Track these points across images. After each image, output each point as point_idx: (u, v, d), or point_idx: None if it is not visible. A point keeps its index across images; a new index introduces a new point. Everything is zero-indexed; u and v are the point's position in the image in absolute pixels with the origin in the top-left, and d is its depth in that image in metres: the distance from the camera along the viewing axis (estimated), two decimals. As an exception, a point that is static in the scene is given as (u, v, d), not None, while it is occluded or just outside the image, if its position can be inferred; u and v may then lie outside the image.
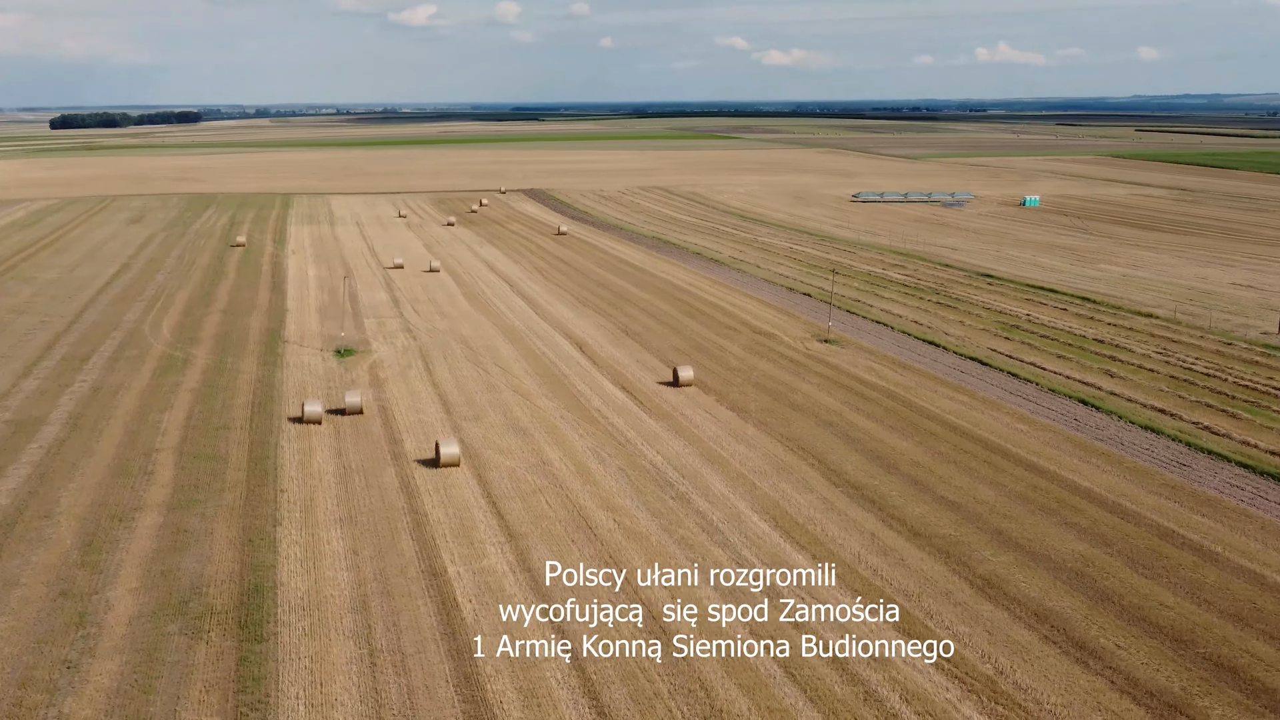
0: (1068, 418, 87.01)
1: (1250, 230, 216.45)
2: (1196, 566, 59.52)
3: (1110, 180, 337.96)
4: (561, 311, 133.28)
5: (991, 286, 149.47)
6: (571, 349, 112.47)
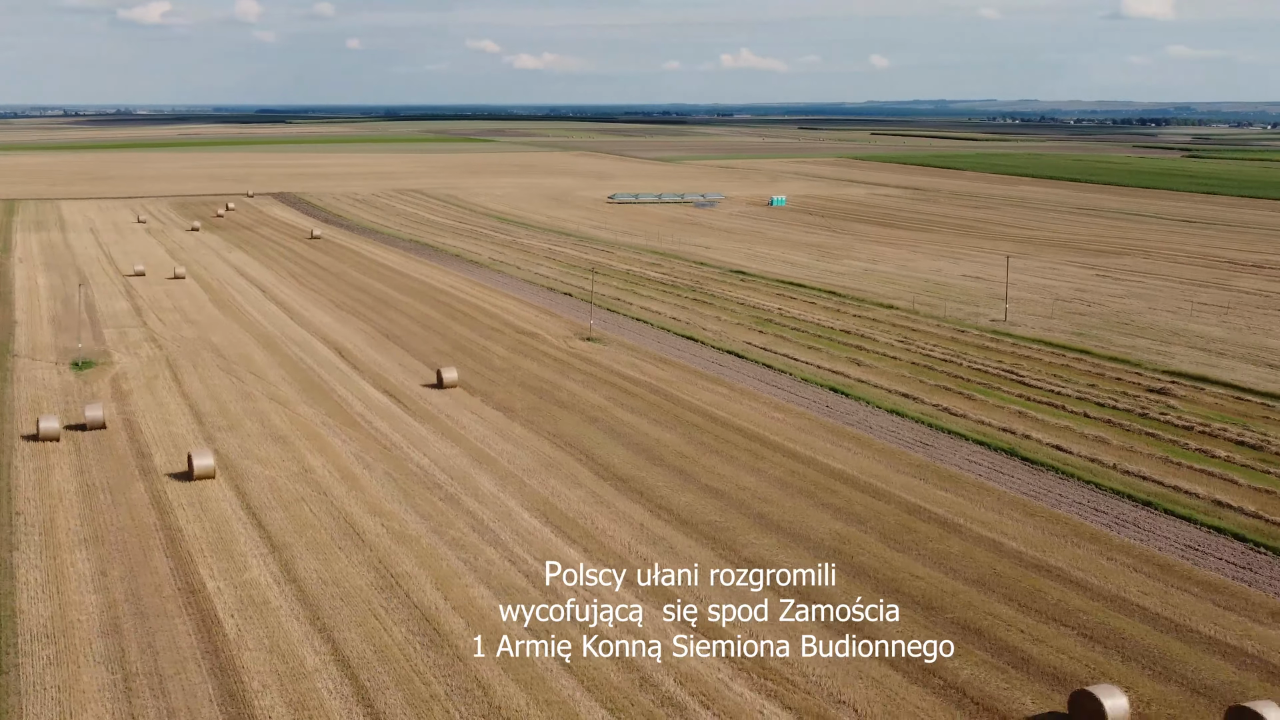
0: (820, 405, 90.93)
1: (978, 226, 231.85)
2: (942, 538, 63.28)
3: (850, 181, 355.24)
4: (319, 316, 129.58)
5: (745, 283, 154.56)
6: (330, 354, 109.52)
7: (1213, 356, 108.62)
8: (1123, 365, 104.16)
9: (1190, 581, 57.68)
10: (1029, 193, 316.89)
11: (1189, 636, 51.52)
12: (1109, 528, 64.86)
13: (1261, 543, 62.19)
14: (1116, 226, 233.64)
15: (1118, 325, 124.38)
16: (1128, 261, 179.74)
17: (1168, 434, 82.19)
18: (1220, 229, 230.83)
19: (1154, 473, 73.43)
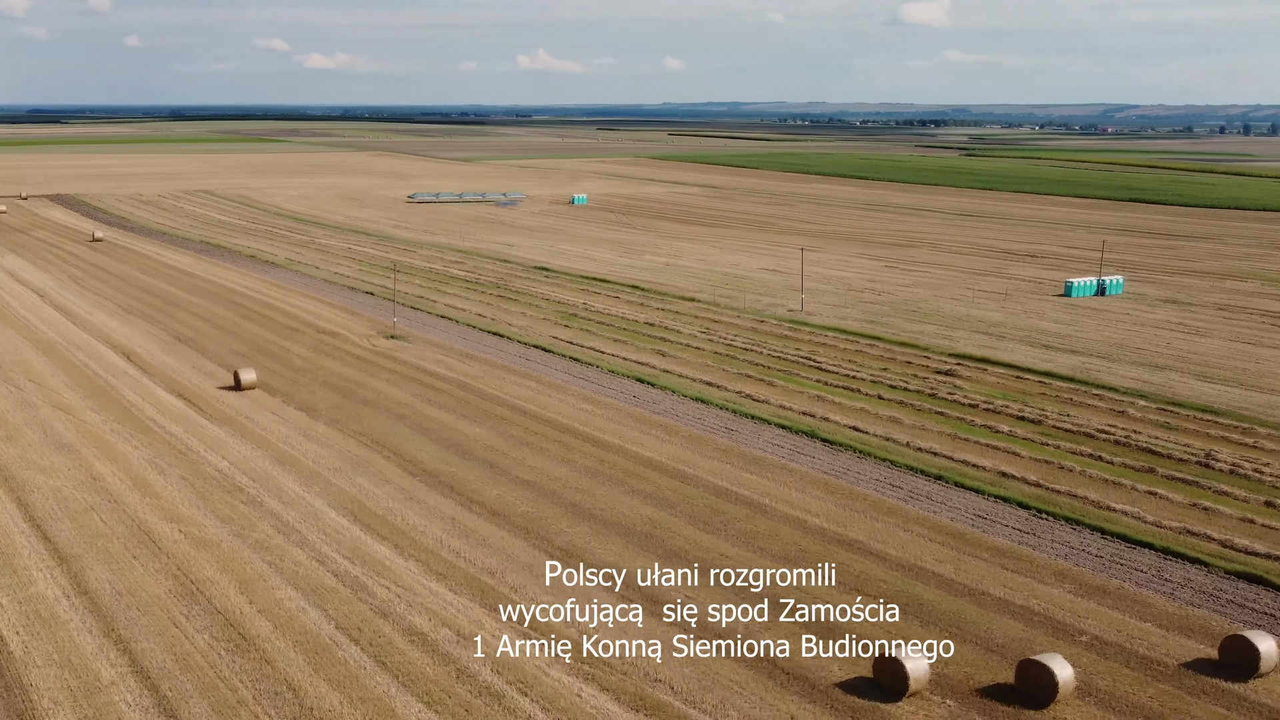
0: (628, 395, 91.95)
1: (774, 222, 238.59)
2: (750, 518, 64.89)
3: (650, 180, 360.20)
4: (104, 321, 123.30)
5: (549, 279, 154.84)
6: (118, 359, 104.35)
7: (994, 339, 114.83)
8: (912, 349, 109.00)
9: (980, 548, 60.84)
10: (820, 190, 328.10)
11: (981, 599, 54.35)
12: (904, 501, 67.79)
13: (1043, 509, 66.09)
14: (902, 220, 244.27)
15: (906, 313, 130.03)
16: (914, 253, 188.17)
17: (955, 412, 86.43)
18: (996, 222, 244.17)
19: (944, 448, 77.09)
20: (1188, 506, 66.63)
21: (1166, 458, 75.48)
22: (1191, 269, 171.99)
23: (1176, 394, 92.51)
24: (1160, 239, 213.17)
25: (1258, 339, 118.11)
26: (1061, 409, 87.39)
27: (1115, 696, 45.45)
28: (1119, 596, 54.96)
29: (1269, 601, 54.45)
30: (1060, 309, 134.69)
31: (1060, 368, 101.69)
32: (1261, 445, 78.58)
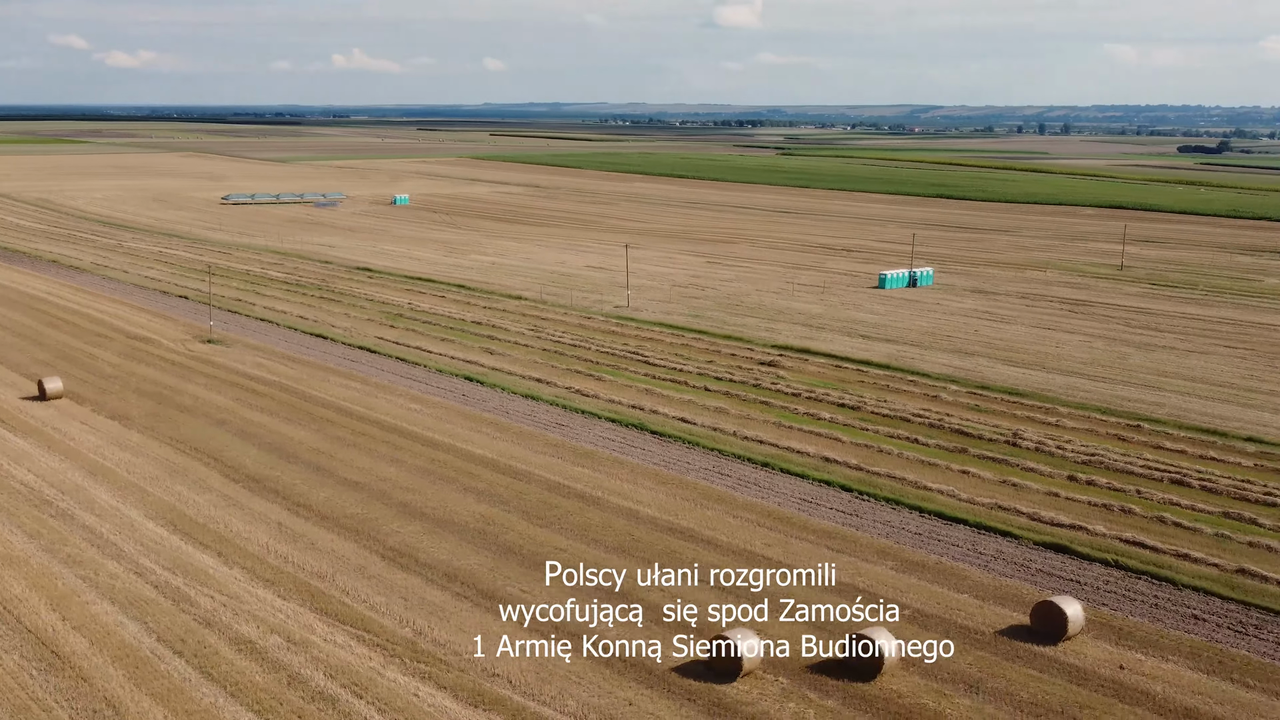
0: (457, 394, 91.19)
1: (598, 220, 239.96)
2: (582, 511, 65.21)
3: (472, 179, 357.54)
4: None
5: (372, 279, 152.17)
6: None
7: (813, 330, 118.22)
8: (736, 342, 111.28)
9: (807, 530, 62.62)
10: (643, 189, 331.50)
11: (809, 578, 55.87)
12: (733, 489, 69.22)
13: (864, 491, 68.43)
14: (723, 218, 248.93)
15: (729, 307, 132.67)
16: (735, 249, 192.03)
17: (779, 401, 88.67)
18: (813, 218, 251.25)
19: (769, 436, 79.03)
20: (998, 483, 69.98)
21: (977, 438, 79.09)
22: (995, 260, 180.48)
23: (985, 378, 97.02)
24: (966, 232, 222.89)
25: (1056, 324, 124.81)
26: (879, 395, 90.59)
27: (936, 665, 47.43)
28: (937, 570, 57.37)
29: (1074, 568, 57.68)
30: (875, 300, 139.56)
31: (877, 356, 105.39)
32: (1063, 424, 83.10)
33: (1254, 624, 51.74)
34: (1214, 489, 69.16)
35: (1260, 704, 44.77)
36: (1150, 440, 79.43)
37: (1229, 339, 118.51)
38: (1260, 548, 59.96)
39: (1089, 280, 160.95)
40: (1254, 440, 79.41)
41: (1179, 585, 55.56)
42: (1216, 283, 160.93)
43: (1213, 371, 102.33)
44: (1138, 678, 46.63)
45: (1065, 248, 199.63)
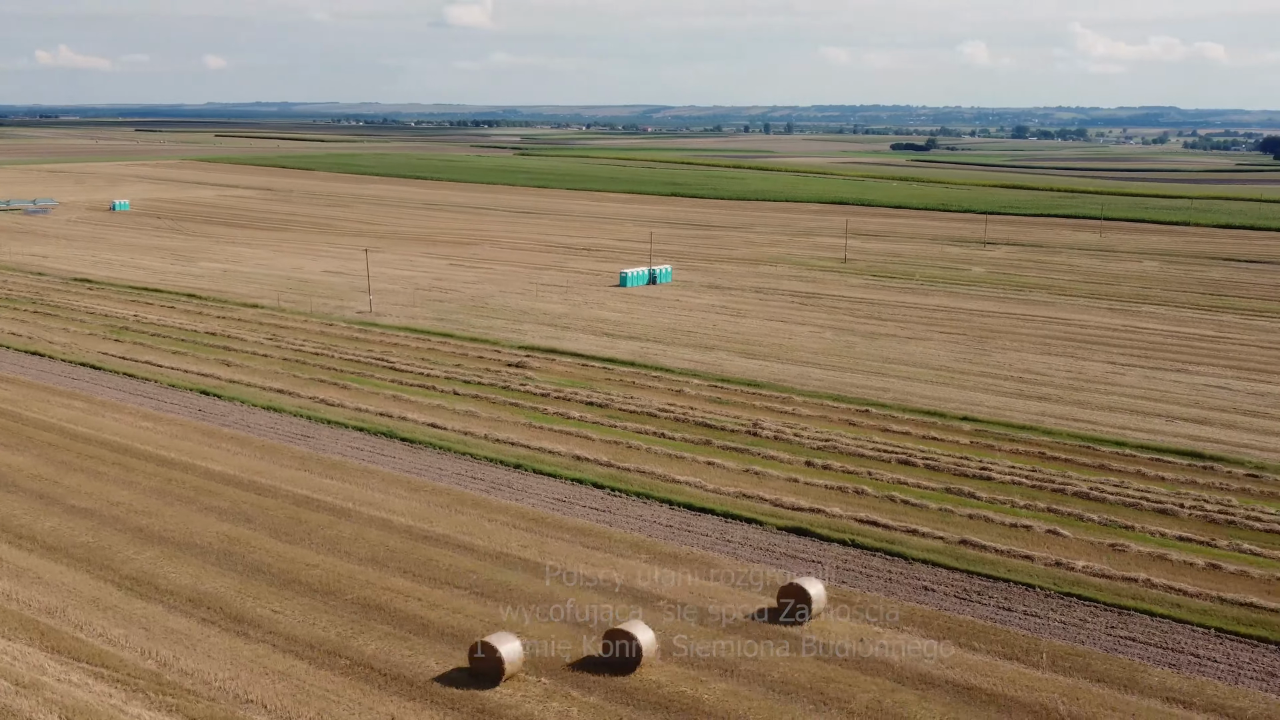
0: (193, 409, 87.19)
1: (335, 224, 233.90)
2: (333, 524, 63.69)
3: (199, 183, 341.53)
4: None
5: (93, 291, 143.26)
6: None
7: (559, 330, 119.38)
8: (483, 344, 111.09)
9: (562, 529, 63.33)
10: (380, 191, 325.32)
11: (567, 577, 56.58)
12: (487, 492, 69.19)
13: (616, 487, 69.77)
14: (463, 219, 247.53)
15: (475, 309, 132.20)
16: (478, 251, 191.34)
17: (529, 402, 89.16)
18: (553, 218, 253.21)
19: (520, 438, 79.38)
20: (741, 472, 72.78)
21: (720, 429, 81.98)
22: (729, 256, 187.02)
23: (725, 371, 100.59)
24: (701, 230, 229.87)
25: (788, 317, 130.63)
26: (626, 392, 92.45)
27: (693, 653, 48.95)
28: (689, 561, 59.18)
29: (815, 550, 60.71)
30: (618, 299, 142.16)
31: (621, 353, 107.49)
32: (799, 412, 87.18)
33: (976, 591, 55.88)
34: (936, 467, 74.18)
35: (984, 664, 48.44)
36: (878, 424, 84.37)
37: (943, 325, 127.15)
38: (979, 519, 64.78)
39: (816, 274, 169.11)
40: (969, 419, 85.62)
41: (910, 559, 59.39)
42: (930, 273, 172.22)
43: (930, 356, 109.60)
44: (877, 649, 49.59)
45: (793, 243, 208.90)
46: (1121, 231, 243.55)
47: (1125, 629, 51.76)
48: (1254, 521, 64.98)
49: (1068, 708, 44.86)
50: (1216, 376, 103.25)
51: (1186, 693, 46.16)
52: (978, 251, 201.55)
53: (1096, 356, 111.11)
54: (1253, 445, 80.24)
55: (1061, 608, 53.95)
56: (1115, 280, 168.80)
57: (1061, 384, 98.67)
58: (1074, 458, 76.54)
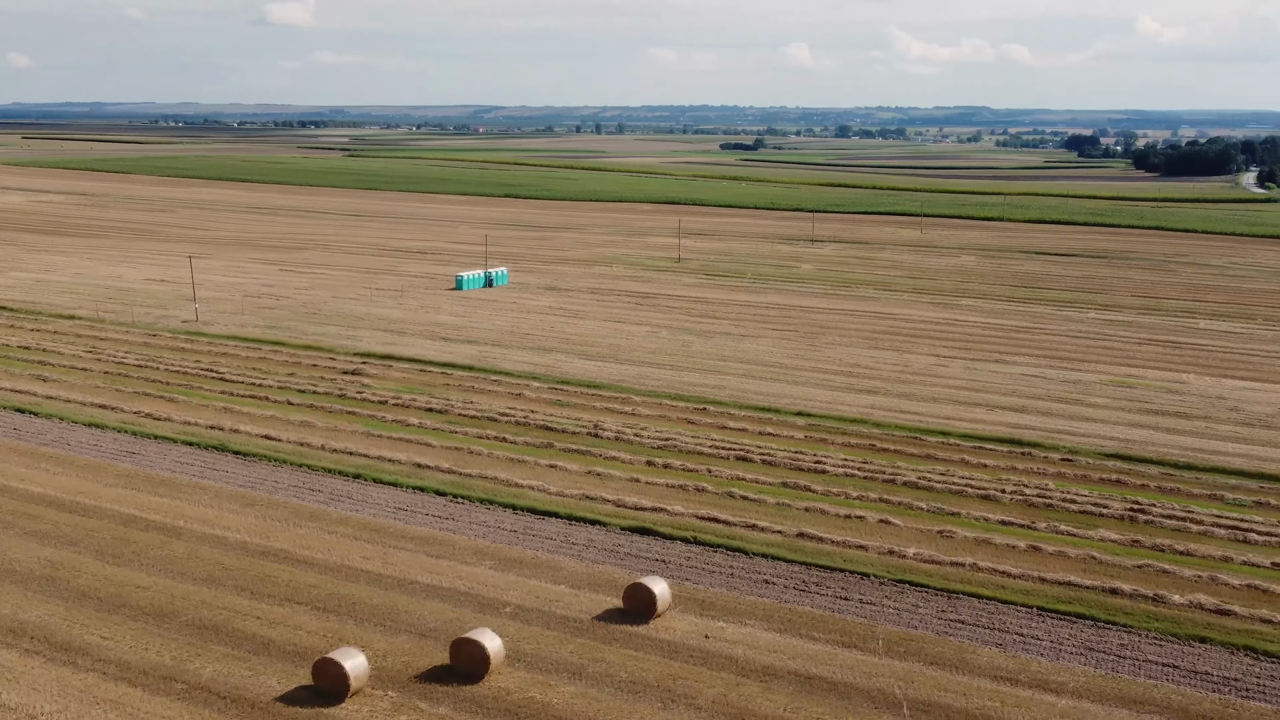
0: (7, 428, 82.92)
1: (156, 230, 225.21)
2: (164, 544, 61.50)
3: (4, 188, 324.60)
4: None
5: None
6: None
7: (395, 336, 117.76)
8: (317, 352, 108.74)
9: (404, 539, 62.59)
10: (203, 194, 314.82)
11: (410, 588, 56.01)
12: (326, 504, 67.86)
13: (459, 494, 69.30)
14: (292, 223, 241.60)
15: (307, 316, 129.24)
16: (308, 255, 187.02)
17: (366, 410, 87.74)
18: (386, 220, 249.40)
19: (359, 447, 78.06)
20: (584, 474, 73.19)
21: (562, 432, 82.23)
22: (565, 258, 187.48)
23: (564, 373, 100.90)
24: (536, 231, 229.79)
25: (625, 317, 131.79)
26: (465, 397, 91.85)
27: (540, 657, 49.09)
28: (534, 565, 59.26)
29: (659, 548, 61.52)
30: (454, 302, 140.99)
31: (460, 358, 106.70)
32: (638, 412, 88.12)
33: (815, 582, 57.53)
34: (773, 462, 76.01)
35: (824, 654, 49.93)
36: (716, 421, 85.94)
37: (775, 322, 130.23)
38: (815, 512, 66.69)
39: (651, 274, 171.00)
40: (803, 414, 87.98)
41: (750, 554, 60.73)
42: (762, 271, 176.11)
43: (764, 353, 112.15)
44: (721, 644, 50.61)
45: (628, 243, 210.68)
46: (941, 228, 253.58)
47: (955, 612, 54.08)
48: (1069, 504, 68.66)
49: (904, 691, 46.65)
50: (1032, 366, 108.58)
51: (1012, 670, 48.53)
52: (807, 249, 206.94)
53: (921, 349, 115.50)
54: (1066, 431, 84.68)
55: (895, 594, 56.02)
56: (936, 275, 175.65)
57: (889, 377, 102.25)
58: (903, 448, 79.42)
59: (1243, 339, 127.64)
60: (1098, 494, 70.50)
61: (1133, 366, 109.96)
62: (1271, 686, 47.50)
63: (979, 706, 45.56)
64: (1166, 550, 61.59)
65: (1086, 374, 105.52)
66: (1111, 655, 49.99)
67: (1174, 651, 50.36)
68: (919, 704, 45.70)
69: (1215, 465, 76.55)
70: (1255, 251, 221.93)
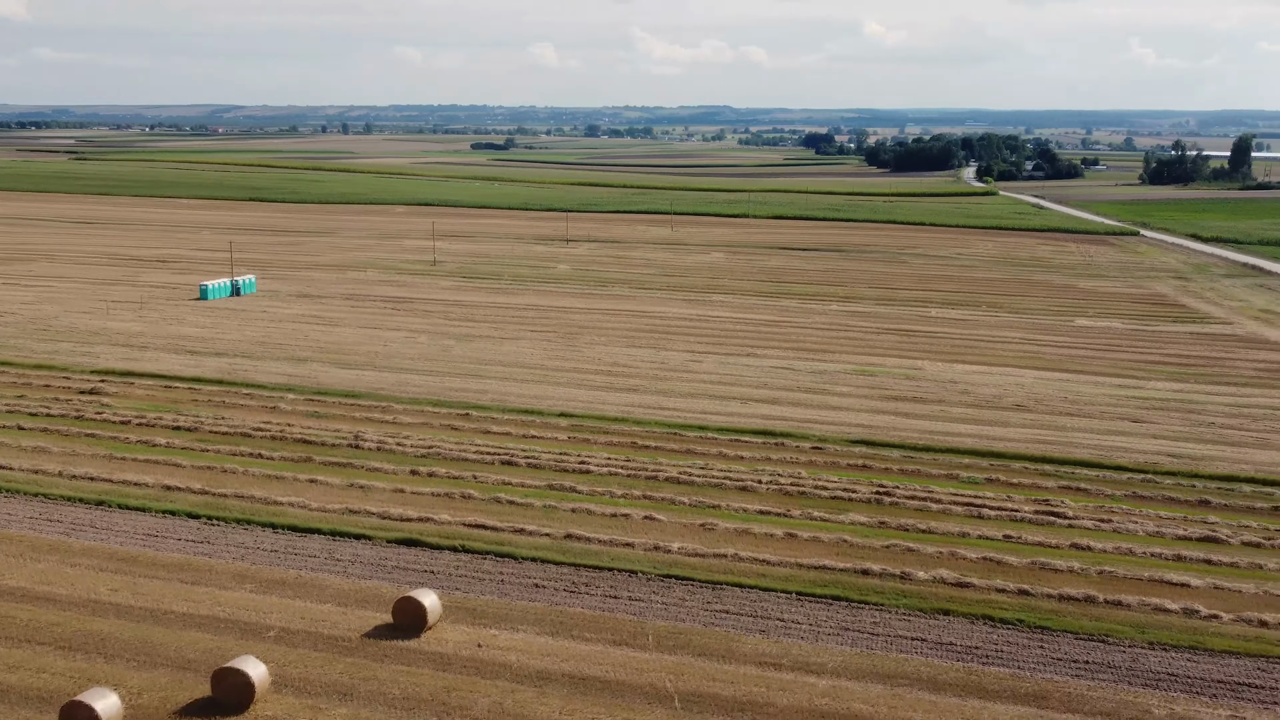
0: None
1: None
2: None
3: None
4: None
5: None
6: None
7: (136, 351, 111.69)
8: (49, 371, 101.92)
9: (156, 567, 59.57)
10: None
11: (165, 618, 53.38)
12: (66, 535, 63.79)
13: (213, 516, 66.43)
14: (13, 232, 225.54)
15: (36, 333, 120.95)
16: (32, 267, 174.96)
17: (107, 431, 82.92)
18: (119, 228, 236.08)
19: (101, 471, 73.75)
20: (346, 488, 71.54)
21: (321, 445, 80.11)
22: (317, 263, 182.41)
23: (321, 383, 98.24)
24: (284, 236, 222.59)
25: (382, 323, 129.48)
26: (216, 413, 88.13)
27: (309, 681, 47.75)
28: (298, 585, 57.54)
29: (427, 559, 60.83)
30: (199, 313, 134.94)
31: (208, 372, 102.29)
32: (400, 420, 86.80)
33: (584, 582, 58.23)
34: (538, 465, 76.40)
35: (596, 654, 50.62)
36: (479, 426, 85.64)
37: (534, 324, 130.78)
38: (582, 512, 67.47)
39: (407, 277, 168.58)
40: (566, 415, 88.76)
41: (519, 559, 60.90)
42: (518, 272, 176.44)
43: (525, 355, 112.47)
44: (494, 652, 50.55)
45: (382, 246, 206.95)
46: (691, 225, 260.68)
47: (720, 603, 55.86)
48: (821, 490, 72.01)
49: (674, 684, 47.88)
50: (781, 359, 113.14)
51: (776, 655, 50.57)
52: (562, 249, 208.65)
53: (676, 346, 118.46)
54: (815, 420, 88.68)
55: (662, 589, 57.36)
56: (688, 272, 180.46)
57: (647, 375, 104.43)
58: (663, 445, 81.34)
59: (970, 325, 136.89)
60: (846, 479, 74.21)
61: (873, 355, 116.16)
62: (1009, 651, 51.28)
63: (746, 693, 47.26)
64: (910, 530, 65.51)
65: (831, 364, 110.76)
66: (866, 633, 52.80)
67: (921, 625, 53.65)
68: (689, 695, 47.03)
69: (950, 446, 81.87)
70: (977, 242, 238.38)
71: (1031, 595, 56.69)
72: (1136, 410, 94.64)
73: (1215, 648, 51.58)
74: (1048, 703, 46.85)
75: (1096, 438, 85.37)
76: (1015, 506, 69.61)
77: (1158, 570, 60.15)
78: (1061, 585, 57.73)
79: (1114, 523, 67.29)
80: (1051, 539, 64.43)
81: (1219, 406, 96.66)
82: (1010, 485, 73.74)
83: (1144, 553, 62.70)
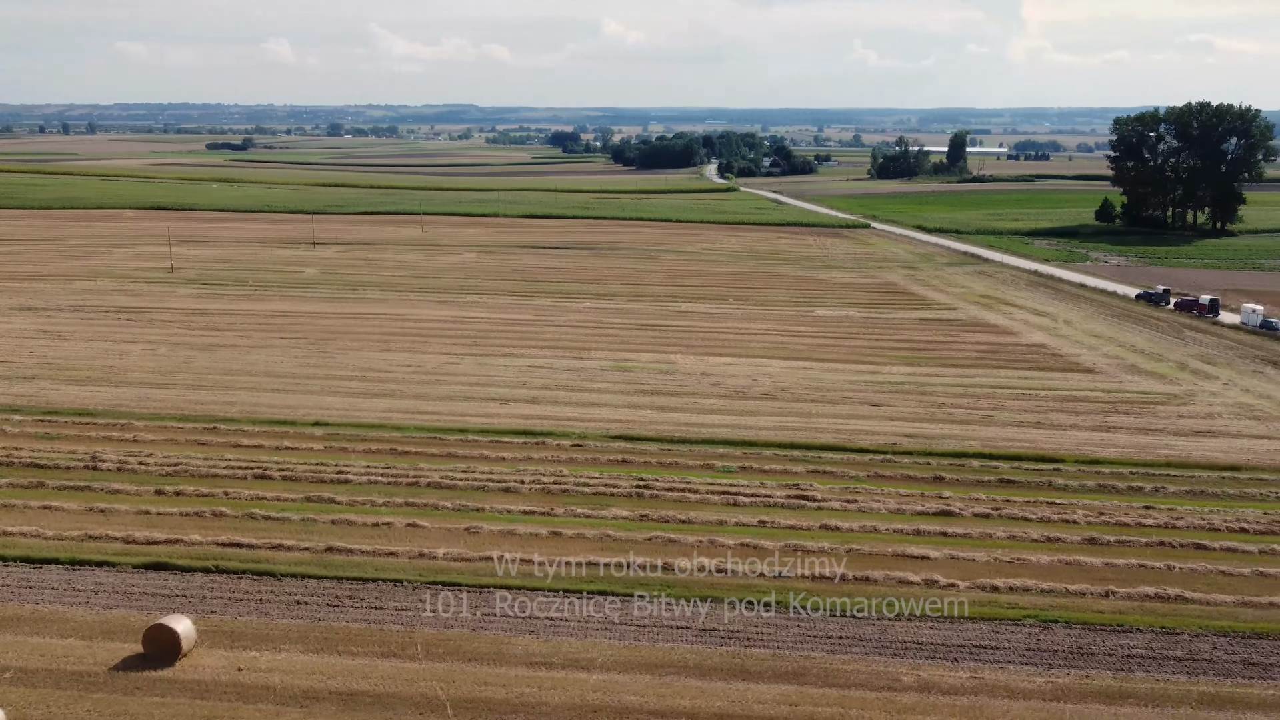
0: None
1: None
2: None
3: None
4: None
5: None
6: None
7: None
8: None
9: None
10: None
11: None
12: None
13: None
14: None
15: None
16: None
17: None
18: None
19: None
20: (85, 512, 67.37)
21: (54, 468, 75.07)
22: (40, 274, 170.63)
23: (51, 402, 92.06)
24: (2, 245, 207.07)
25: (117, 335, 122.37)
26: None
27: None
28: (34, 620, 53.81)
29: (178, 583, 58.02)
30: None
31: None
32: (141, 438, 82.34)
33: (348, 595, 56.95)
34: (294, 477, 74.12)
35: (365, 667, 49.61)
36: (229, 440, 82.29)
37: (283, 330, 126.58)
38: (342, 524, 65.93)
39: (142, 286, 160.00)
40: (320, 424, 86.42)
41: (279, 576, 58.93)
42: (263, 277, 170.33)
43: (274, 364, 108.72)
44: (256, 675, 48.79)
45: (113, 254, 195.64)
46: (441, 225, 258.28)
47: (488, 606, 55.77)
48: (583, 487, 72.90)
49: (446, 692, 47.55)
50: (538, 357, 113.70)
51: (546, 654, 50.94)
52: (308, 253, 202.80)
53: (432, 349, 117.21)
54: (574, 418, 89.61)
55: (430, 597, 56.76)
56: (440, 274, 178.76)
57: (404, 379, 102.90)
58: (424, 449, 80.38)
59: (718, 319, 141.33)
60: (607, 475, 75.38)
61: (628, 351, 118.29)
62: (769, 633, 53.42)
63: (518, 694, 47.44)
64: (671, 521, 67.20)
65: (588, 361, 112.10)
66: (634, 626, 53.89)
67: (686, 614, 55.18)
68: (462, 702, 46.81)
69: (705, 437, 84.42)
70: (721, 237, 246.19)
71: (787, 577, 59.23)
72: (875, 394, 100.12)
73: (954, 614, 55.34)
74: (806, 679, 49.11)
75: (840, 422, 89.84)
76: (768, 492, 72.48)
77: (900, 545, 63.97)
78: (814, 566, 60.55)
79: (859, 503, 71.09)
80: (803, 521, 67.47)
81: (947, 387, 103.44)
82: (763, 472, 76.70)
83: (887, 529, 66.52)
